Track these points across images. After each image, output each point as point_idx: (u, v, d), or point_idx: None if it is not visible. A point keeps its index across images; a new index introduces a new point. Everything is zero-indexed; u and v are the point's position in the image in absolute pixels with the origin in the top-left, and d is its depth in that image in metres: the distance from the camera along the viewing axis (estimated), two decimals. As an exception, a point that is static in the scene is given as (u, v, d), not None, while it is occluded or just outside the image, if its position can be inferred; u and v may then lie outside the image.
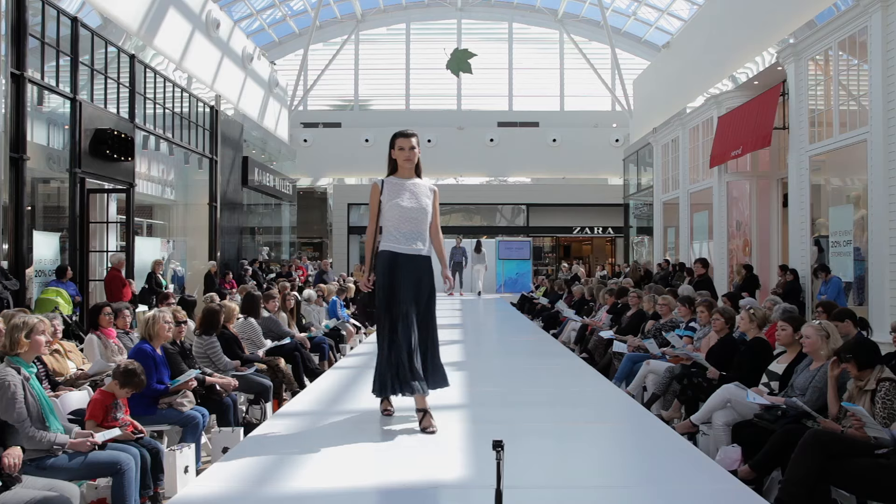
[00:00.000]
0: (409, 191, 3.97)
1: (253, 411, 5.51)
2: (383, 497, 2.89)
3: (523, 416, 4.01)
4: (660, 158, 16.07)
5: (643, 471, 3.39)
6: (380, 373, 3.89)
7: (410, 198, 3.95)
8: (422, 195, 3.99)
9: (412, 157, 3.98)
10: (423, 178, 4.11)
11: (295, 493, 2.91)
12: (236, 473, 3.16)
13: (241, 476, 3.13)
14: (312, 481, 3.04)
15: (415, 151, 3.98)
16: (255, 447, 3.58)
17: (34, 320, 3.56)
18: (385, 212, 3.96)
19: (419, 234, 3.97)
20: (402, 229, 3.92)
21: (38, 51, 8.35)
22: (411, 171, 4.03)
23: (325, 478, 3.08)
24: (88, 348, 5.34)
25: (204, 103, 13.51)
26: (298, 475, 3.11)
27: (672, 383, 5.34)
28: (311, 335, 7.74)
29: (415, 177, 4.05)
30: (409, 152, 3.97)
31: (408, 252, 3.91)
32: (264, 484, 3.02)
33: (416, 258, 3.94)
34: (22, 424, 3.20)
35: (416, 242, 3.95)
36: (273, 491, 2.94)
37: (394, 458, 3.31)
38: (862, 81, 8.59)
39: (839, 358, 3.73)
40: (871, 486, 3.23)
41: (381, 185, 4.02)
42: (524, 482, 3.01)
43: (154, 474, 3.66)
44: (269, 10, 21.29)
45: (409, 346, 3.78)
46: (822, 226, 9.70)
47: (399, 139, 4.00)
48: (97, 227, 9.98)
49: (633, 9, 21.50)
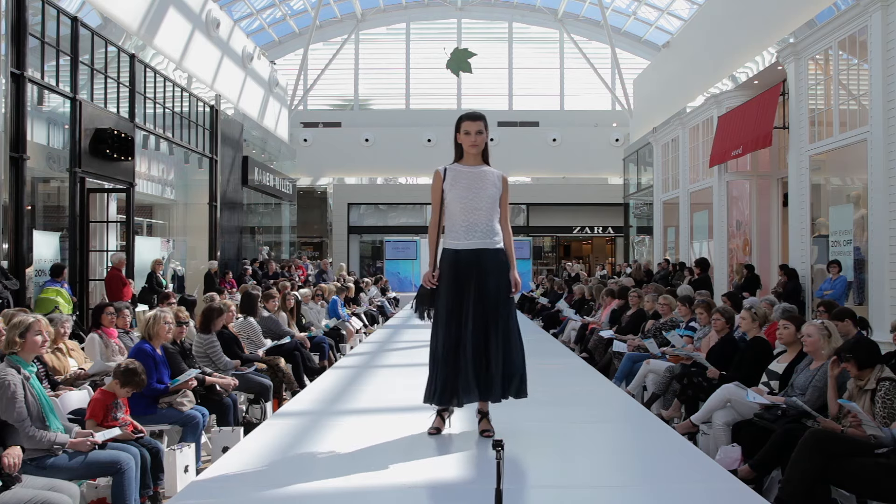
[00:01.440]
0: (474, 179, 3.60)
1: (253, 411, 5.54)
2: (384, 497, 2.88)
3: (523, 415, 3.96)
4: (660, 158, 16.06)
5: (643, 470, 3.38)
6: (431, 379, 3.55)
7: (475, 187, 3.58)
8: (488, 184, 3.60)
9: (479, 143, 3.61)
10: (492, 166, 3.73)
11: (295, 493, 2.90)
12: (236, 473, 3.15)
13: (241, 475, 3.12)
14: (312, 481, 3.03)
15: (482, 136, 3.62)
16: (255, 447, 3.57)
17: (30, 319, 3.54)
18: (448, 203, 3.60)
19: (485, 227, 3.56)
20: (465, 222, 3.55)
21: (38, 50, 8.34)
22: (478, 157, 3.67)
23: (325, 477, 3.08)
24: (90, 347, 5.33)
25: (204, 103, 13.50)
26: (298, 475, 3.11)
27: (672, 383, 5.34)
28: (310, 335, 7.73)
29: (482, 164, 3.68)
30: (476, 137, 3.60)
31: (472, 247, 3.53)
32: (264, 484, 3.01)
33: (482, 253, 3.53)
34: (22, 424, 3.19)
35: (483, 236, 3.55)
36: (273, 491, 2.93)
37: (394, 458, 3.30)
38: (862, 81, 8.59)
39: (839, 357, 3.73)
40: (871, 485, 3.22)
41: (444, 172, 3.66)
42: (525, 481, 3.00)
43: (154, 474, 3.65)
44: (269, 9, 21.27)
45: (475, 351, 3.43)
46: (822, 225, 9.70)
47: (465, 122, 3.64)
48: (97, 226, 9.97)
49: (633, 8, 21.49)
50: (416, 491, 2.93)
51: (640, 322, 7.34)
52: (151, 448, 3.69)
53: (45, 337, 3.57)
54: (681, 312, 6.64)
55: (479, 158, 3.68)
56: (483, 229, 3.56)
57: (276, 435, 3.82)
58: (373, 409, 4.29)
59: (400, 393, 4.96)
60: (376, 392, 5.20)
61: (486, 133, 3.65)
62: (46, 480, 3.09)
